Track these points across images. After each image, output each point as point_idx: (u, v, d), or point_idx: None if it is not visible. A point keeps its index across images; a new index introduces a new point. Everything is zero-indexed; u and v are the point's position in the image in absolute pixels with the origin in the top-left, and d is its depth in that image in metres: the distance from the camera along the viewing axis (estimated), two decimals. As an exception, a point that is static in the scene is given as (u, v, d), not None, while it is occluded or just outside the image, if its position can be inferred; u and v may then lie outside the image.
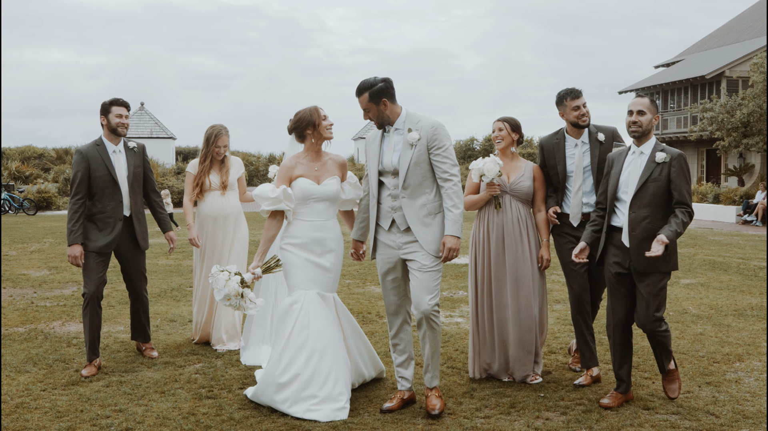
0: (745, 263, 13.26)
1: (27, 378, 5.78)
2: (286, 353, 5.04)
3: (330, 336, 5.11)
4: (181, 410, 5.06)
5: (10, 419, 4.84)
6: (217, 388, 5.55)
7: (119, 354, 6.53)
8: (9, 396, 5.30)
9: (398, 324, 5.20)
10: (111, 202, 6.07)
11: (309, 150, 5.36)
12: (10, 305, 8.82)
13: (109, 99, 6.17)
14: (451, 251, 4.88)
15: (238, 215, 6.94)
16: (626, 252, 5.01)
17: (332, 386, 4.97)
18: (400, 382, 5.22)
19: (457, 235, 4.88)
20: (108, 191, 6.05)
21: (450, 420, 4.90)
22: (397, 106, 5.05)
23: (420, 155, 4.93)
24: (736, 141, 28.75)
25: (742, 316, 8.26)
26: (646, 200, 4.92)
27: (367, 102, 4.99)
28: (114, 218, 6.09)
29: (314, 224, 5.27)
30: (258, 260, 5.25)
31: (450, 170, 4.94)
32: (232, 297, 5.08)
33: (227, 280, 5.08)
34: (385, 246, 5.11)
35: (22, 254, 13.97)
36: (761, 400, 5.28)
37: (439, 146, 4.94)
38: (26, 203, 27.67)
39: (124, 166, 6.18)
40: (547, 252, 5.69)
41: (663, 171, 4.90)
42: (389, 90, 4.99)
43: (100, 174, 6.03)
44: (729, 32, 42.67)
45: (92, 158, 6.04)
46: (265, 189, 5.21)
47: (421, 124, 4.97)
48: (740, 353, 6.58)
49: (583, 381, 5.63)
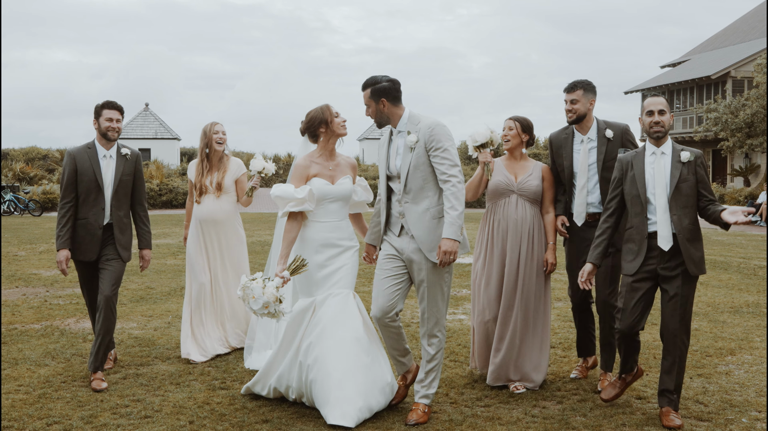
0: (745, 262, 13.46)
1: (47, 371, 6.05)
2: (294, 359, 5.03)
3: (340, 338, 4.95)
4: (196, 400, 5.32)
5: (35, 408, 5.11)
6: (230, 380, 5.81)
7: (134, 349, 6.79)
8: (31, 388, 5.56)
9: (387, 333, 5.02)
10: (93, 209, 5.82)
11: (323, 149, 5.25)
12: (24, 303, 9.09)
13: (102, 102, 5.93)
14: (446, 255, 4.73)
15: (229, 221, 6.72)
16: (662, 257, 4.79)
17: (338, 388, 4.83)
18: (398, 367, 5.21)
19: (454, 238, 4.71)
20: (92, 197, 5.81)
21: (452, 408, 5.14)
22: (400, 107, 4.98)
23: (419, 158, 4.85)
24: (740, 142, 28.90)
25: (737, 313, 8.49)
26: (682, 202, 4.78)
27: (368, 98, 4.96)
28: (94, 226, 5.83)
29: (329, 225, 5.17)
30: (283, 263, 5.03)
31: (448, 171, 4.79)
32: (270, 304, 4.81)
33: (263, 287, 4.82)
34: (392, 247, 5.02)
35: (32, 255, 14.23)
36: (748, 390, 5.53)
37: (437, 147, 4.81)
38: (32, 204, 27.87)
39: (112, 172, 5.89)
40: (552, 256, 5.54)
41: (689, 170, 4.80)
42: (391, 91, 4.92)
43: (86, 179, 5.79)
44: (735, 32, 42.74)
45: (80, 160, 5.82)
46: (288, 189, 5.06)
47: (420, 125, 4.88)
48: (732, 347, 6.82)
49: (577, 374, 5.80)
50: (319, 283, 5.08)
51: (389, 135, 5.06)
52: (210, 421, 4.89)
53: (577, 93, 5.51)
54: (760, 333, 7.41)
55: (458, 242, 4.74)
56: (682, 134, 37.86)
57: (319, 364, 4.91)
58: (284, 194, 5.04)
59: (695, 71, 38.61)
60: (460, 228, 4.76)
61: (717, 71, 35.96)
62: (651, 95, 5.03)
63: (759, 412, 5.06)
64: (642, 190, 4.83)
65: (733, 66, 35.89)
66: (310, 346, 4.98)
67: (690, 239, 4.75)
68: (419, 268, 4.88)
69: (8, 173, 36.92)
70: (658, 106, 4.86)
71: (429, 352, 4.98)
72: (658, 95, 4.95)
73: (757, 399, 5.34)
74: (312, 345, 4.98)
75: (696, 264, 4.77)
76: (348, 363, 4.89)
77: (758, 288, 10.33)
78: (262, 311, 4.82)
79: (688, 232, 4.75)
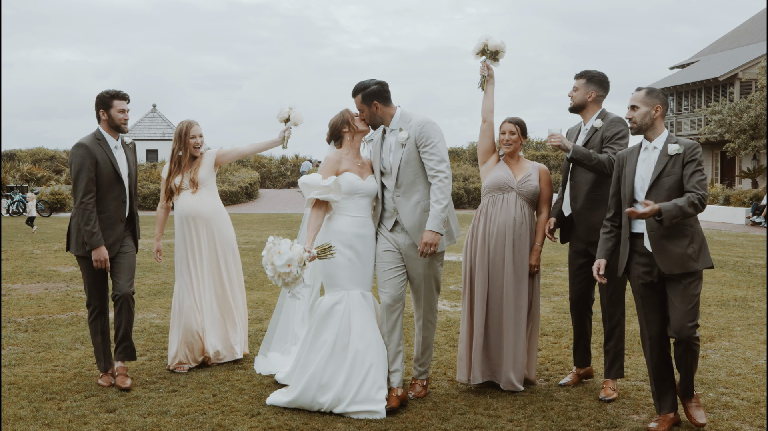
0: (742, 261, 13.86)
1: (78, 353, 6.60)
2: (331, 357, 5.08)
3: (371, 337, 5.12)
4: (218, 377, 5.89)
5: (72, 383, 5.67)
6: (247, 362, 6.35)
7: (156, 336, 7.33)
8: (66, 368, 6.12)
9: (393, 321, 5.23)
10: (114, 201, 5.63)
11: (349, 148, 5.37)
12: (47, 296, 9.65)
13: (108, 91, 5.67)
14: (427, 246, 4.96)
15: (215, 216, 6.27)
16: (651, 258, 4.62)
17: (370, 387, 5.01)
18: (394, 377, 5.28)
19: (436, 230, 4.96)
20: (113, 189, 5.62)
21: (449, 384, 5.69)
22: (392, 107, 5.21)
23: (410, 154, 5.11)
24: (745, 143, 29.18)
25: (724, 306, 8.98)
26: (664, 196, 4.54)
27: (360, 103, 5.20)
28: (115, 219, 5.65)
29: (359, 220, 5.27)
30: (310, 244, 5.03)
31: (436, 167, 5.04)
32: (294, 263, 4.74)
33: (291, 245, 4.81)
34: (387, 242, 5.27)
35: (47, 253, 14.69)
36: (720, 371, 6.06)
37: (426, 143, 5.06)
38: (40, 205, 27.76)
39: (125, 162, 5.76)
40: (535, 258, 5.50)
41: (677, 163, 4.57)
42: (382, 93, 5.17)
43: (106, 171, 5.57)
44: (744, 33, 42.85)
45: (97, 152, 5.57)
46: (315, 178, 5.19)
47: (411, 123, 5.13)
48: (713, 335, 7.33)
49: (569, 380, 5.68)
50: (349, 277, 5.18)
51: (382, 134, 5.32)
52: (231, 394, 5.46)
53: (580, 81, 5.49)
54: (741, 324, 7.90)
55: (440, 235, 5.00)
56: (690, 136, 38.11)
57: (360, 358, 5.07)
58: (311, 182, 5.18)
59: (703, 73, 38.80)
60: (443, 221, 4.99)
61: (725, 73, 36.09)
62: (638, 90, 4.82)
63: (726, 388, 5.58)
64: (629, 188, 4.69)
65: (740, 68, 36.01)
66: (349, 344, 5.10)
67: (668, 236, 4.52)
68: (415, 262, 5.20)
69: (15, 174, 37.08)
70: (631, 102, 4.73)
71: (424, 334, 5.42)
72: (642, 89, 4.75)
73: (727, 378, 5.85)
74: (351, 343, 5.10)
75: (676, 262, 4.51)
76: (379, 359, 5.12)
77: (748, 284, 10.78)
78: (283, 269, 4.74)
79: (665, 228, 4.49)
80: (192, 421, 4.90)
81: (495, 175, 5.57)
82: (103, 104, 5.62)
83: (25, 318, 8.14)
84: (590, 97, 5.44)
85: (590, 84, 5.45)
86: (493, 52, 5.51)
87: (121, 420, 4.91)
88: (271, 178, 51.26)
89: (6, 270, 11.98)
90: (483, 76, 5.55)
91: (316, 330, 5.17)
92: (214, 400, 5.32)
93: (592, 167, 5.22)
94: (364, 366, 5.04)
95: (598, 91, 5.46)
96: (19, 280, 11.04)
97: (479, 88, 5.60)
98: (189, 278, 6.23)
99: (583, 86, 5.46)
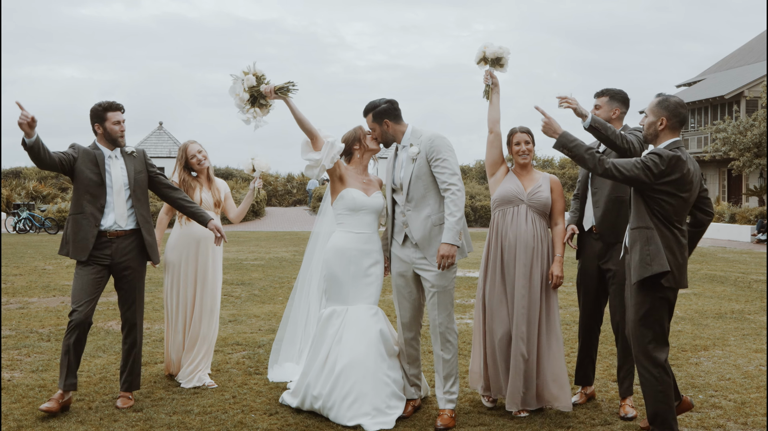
0: (743, 277, 14.11)
1: (102, 361, 6.96)
2: (321, 371, 5.26)
3: (359, 353, 5.19)
4: (236, 381, 6.25)
5: (98, 387, 6.03)
6: (262, 368, 6.70)
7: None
8: (92, 373, 6.48)
9: (410, 337, 5.38)
10: (89, 205, 5.39)
11: (357, 165, 5.53)
12: (65, 308, 9.93)
13: (100, 103, 5.49)
14: (444, 259, 4.98)
15: (210, 241, 6.20)
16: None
17: (350, 403, 5.11)
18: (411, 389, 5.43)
19: (452, 242, 4.97)
20: (91, 192, 5.40)
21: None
22: (403, 124, 5.32)
23: (420, 168, 5.17)
24: (749, 161, 29.39)
25: (721, 318, 9.29)
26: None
27: (372, 122, 5.33)
28: (89, 225, 5.39)
29: (363, 236, 5.39)
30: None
31: (449, 180, 5.08)
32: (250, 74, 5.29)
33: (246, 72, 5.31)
34: (400, 260, 5.31)
35: (59, 269, 14.96)
36: (711, 376, 6.40)
37: (437, 158, 5.12)
38: (48, 223, 28.14)
39: (122, 172, 5.51)
40: (558, 269, 5.33)
41: None
42: (392, 111, 5.29)
43: (87, 174, 5.39)
44: (750, 51, 43.08)
45: (84, 153, 5.43)
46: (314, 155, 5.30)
47: (421, 138, 5.20)
48: (707, 344, 7.66)
49: (577, 400, 5.64)
50: (353, 293, 5.34)
51: (395, 151, 5.42)
52: (250, 396, 5.83)
53: (602, 99, 5.48)
54: (736, 334, 8.22)
55: (456, 247, 5.01)
56: (696, 154, 38.28)
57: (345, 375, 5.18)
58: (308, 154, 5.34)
59: (709, 91, 38.98)
60: (458, 234, 5.00)
61: (731, 91, 36.27)
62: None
63: (715, 391, 5.92)
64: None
65: (746, 86, 36.16)
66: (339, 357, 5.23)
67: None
68: (427, 277, 5.18)
69: (21, 191, 37.24)
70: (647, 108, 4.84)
71: (445, 357, 5.21)
72: (658, 96, 4.77)
73: (717, 382, 6.19)
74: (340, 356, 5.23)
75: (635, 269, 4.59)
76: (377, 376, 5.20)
77: (747, 298, 11.08)
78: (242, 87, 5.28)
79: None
80: (215, 419, 5.26)
81: (504, 187, 5.46)
82: (97, 118, 5.47)
83: (46, 329, 8.49)
84: (614, 115, 5.45)
85: (613, 101, 5.46)
86: (494, 59, 5.45)
87: (148, 418, 5.27)
88: (278, 196, 51.71)
89: (21, 285, 12.34)
90: (487, 85, 5.50)
91: (317, 341, 5.39)
92: (234, 401, 5.68)
93: (607, 136, 5.09)
94: (347, 383, 5.13)
95: (622, 108, 5.48)
96: (35, 294, 11.39)
97: (484, 97, 5.54)
98: (174, 294, 6.25)
99: (606, 104, 5.47)
